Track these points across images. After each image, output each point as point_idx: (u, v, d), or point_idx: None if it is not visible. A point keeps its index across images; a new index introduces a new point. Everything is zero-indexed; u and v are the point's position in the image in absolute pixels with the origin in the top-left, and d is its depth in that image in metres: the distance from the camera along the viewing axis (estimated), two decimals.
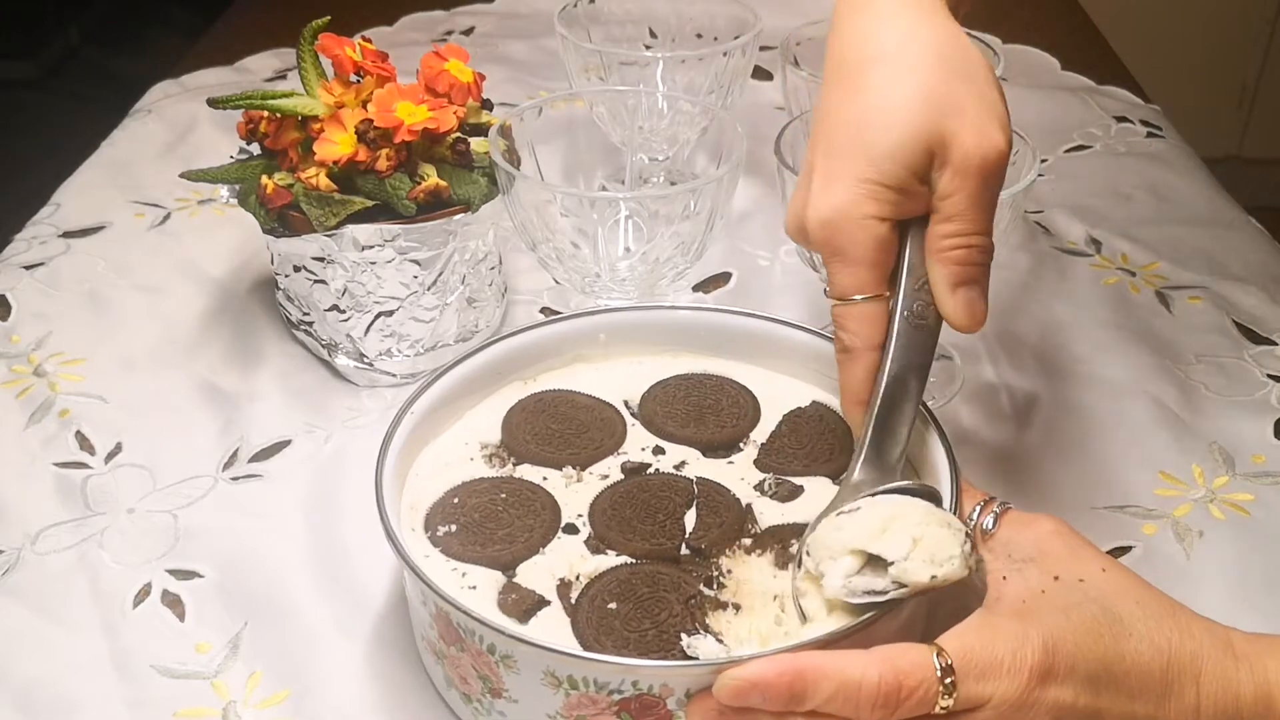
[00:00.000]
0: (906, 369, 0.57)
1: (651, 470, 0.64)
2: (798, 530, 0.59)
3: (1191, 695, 0.48)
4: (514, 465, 0.64)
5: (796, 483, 0.63)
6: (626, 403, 0.69)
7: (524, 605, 0.56)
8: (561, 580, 0.57)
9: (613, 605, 0.55)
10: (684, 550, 0.59)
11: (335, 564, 0.66)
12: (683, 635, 0.54)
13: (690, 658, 0.53)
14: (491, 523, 0.60)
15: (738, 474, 0.64)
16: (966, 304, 0.56)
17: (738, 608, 0.56)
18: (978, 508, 0.55)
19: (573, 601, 0.56)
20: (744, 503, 0.61)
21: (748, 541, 0.59)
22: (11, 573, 0.66)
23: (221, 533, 0.68)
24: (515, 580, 0.57)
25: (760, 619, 0.55)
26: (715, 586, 0.57)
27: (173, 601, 0.64)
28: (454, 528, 0.60)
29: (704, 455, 0.65)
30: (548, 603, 0.56)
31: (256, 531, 0.68)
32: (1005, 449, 0.74)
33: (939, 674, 0.47)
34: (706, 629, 0.54)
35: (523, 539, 0.59)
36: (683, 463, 0.64)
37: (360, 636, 0.62)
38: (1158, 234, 0.95)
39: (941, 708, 0.47)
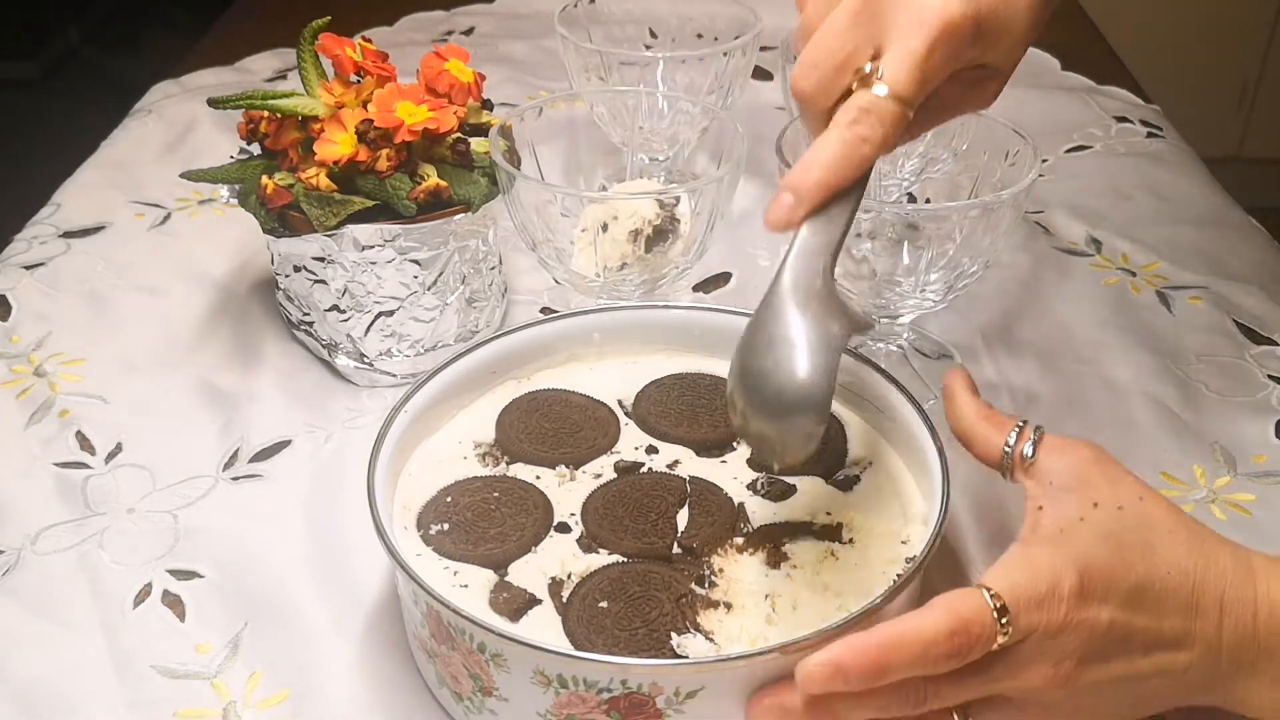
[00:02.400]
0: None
1: (644, 469, 0.64)
2: (790, 529, 0.60)
3: (1214, 614, 0.50)
4: (507, 464, 0.65)
5: (789, 482, 0.63)
6: (620, 402, 0.69)
7: (515, 604, 0.56)
8: (553, 579, 0.57)
9: (604, 604, 0.55)
10: (676, 549, 0.59)
11: (335, 564, 0.66)
12: (673, 634, 0.54)
13: (680, 657, 0.53)
14: (484, 521, 0.60)
15: (730, 473, 0.64)
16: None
17: (729, 606, 0.56)
18: (1014, 433, 0.55)
19: (564, 600, 0.56)
20: (736, 502, 0.61)
21: (739, 540, 0.59)
22: (11, 573, 0.66)
23: (221, 533, 0.68)
24: (507, 579, 0.58)
25: (751, 618, 0.55)
26: (707, 585, 0.57)
27: (173, 602, 0.64)
28: (446, 526, 0.60)
29: (697, 455, 0.65)
30: (539, 601, 0.56)
31: (256, 531, 0.68)
32: None
33: (995, 615, 0.48)
34: (697, 628, 0.54)
35: (514, 538, 0.59)
36: (676, 462, 0.64)
37: (360, 637, 0.62)
38: (1158, 234, 0.95)
39: (999, 644, 0.48)
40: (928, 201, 0.80)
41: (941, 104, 0.58)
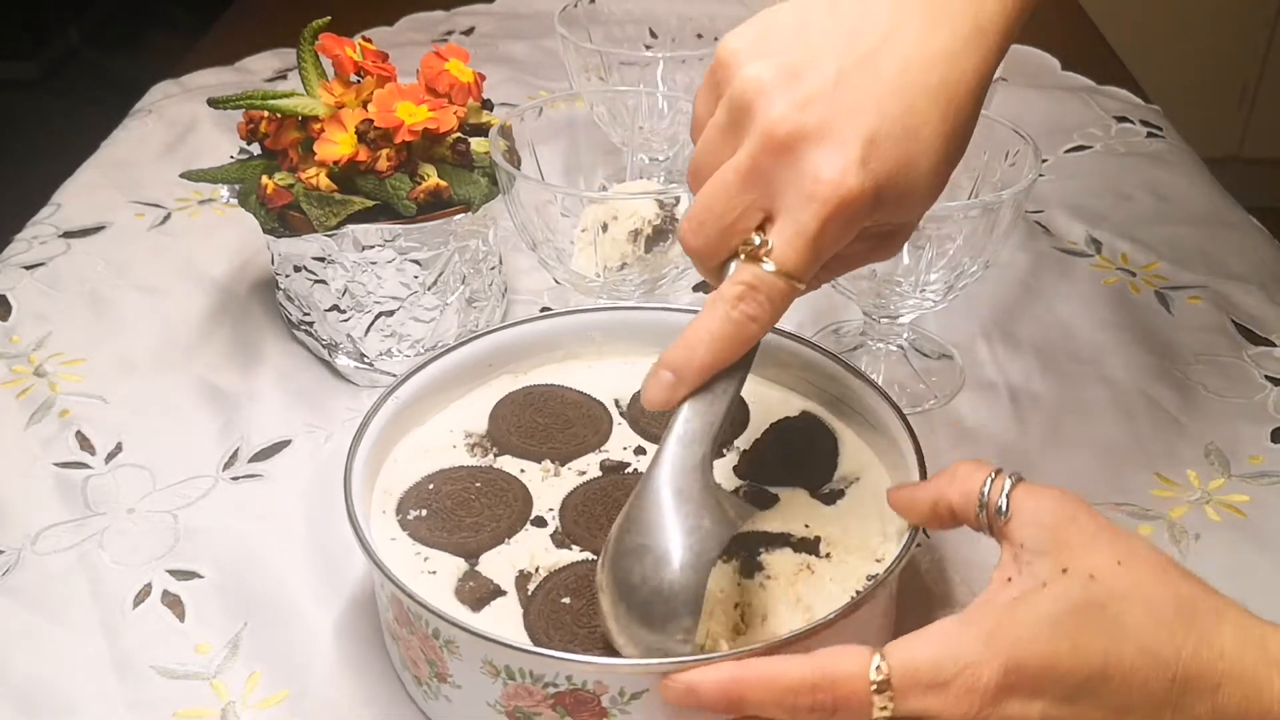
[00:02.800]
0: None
1: (630, 470, 0.64)
2: (767, 540, 0.59)
3: (1204, 708, 0.44)
4: (495, 456, 0.65)
5: (772, 492, 0.62)
6: (617, 401, 0.69)
7: (479, 594, 0.57)
8: (521, 572, 0.58)
9: (566, 600, 0.55)
10: None
11: (335, 564, 0.66)
12: None
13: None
14: (462, 510, 0.61)
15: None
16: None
17: None
18: (988, 482, 0.51)
19: (529, 594, 0.56)
20: None
21: None
22: (11, 573, 0.66)
23: (221, 533, 0.68)
24: (476, 569, 0.58)
25: (719, 624, 0.55)
26: None
27: (173, 602, 0.64)
28: (424, 513, 0.61)
29: None
30: (504, 593, 0.57)
31: (256, 532, 0.68)
32: (1005, 448, 0.74)
33: (873, 685, 0.45)
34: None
35: (489, 528, 0.60)
36: None
37: (361, 637, 0.62)
38: (1158, 234, 0.95)
39: (881, 709, 0.46)
40: None
41: (842, 261, 0.55)
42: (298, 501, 0.71)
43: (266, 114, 0.75)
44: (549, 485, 0.63)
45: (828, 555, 0.58)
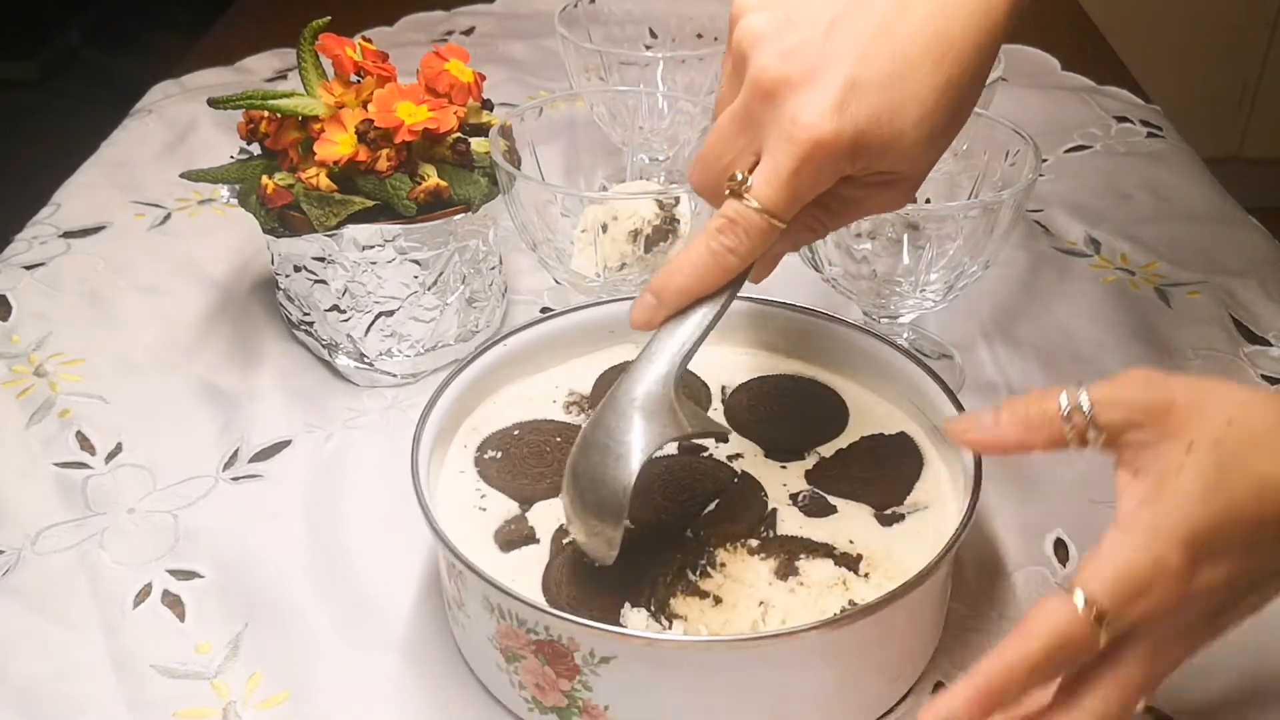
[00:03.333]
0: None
1: (705, 455, 0.64)
2: (810, 547, 0.59)
3: None
4: (588, 418, 0.65)
5: (832, 502, 0.62)
6: (724, 388, 0.69)
7: (511, 537, 0.59)
8: (561, 526, 0.59)
9: (587, 559, 0.56)
10: (688, 533, 0.59)
11: (335, 564, 0.66)
12: (626, 603, 0.55)
13: (615, 625, 0.54)
14: (533, 459, 0.63)
15: (782, 479, 0.63)
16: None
17: (719, 600, 0.56)
18: (1063, 405, 0.49)
19: (560, 546, 0.58)
20: (770, 507, 0.61)
21: (754, 543, 0.59)
22: (11, 573, 0.66)
23: (221, 533, 0.68)
24: (525, 515, 0.61)
25: (739, 617, 0.55)
26: (699, 574, 0.57)
27: (173, 602, 0.64)
28: (500, 455, 0.64)
29: (765, 454, 0.65)
30: (536, 541, 0.59)
31: (256, 531, 0.68)
32: None
33: (1091, 621, 0.46)
34: (663, 608, 0.55)
35: (549, 480, 0.62)
36: (738, 455, 0.65)
37: (360, 637, 0.62)
38: (1157, 234, 0.95)
39: (1104, 637, 0.46)
40: (928, 201, 0.80)
41: (845, 206, 0.56)
42: (298, 501, 0.71)
43: (266, 114, 0.75)
44: None
45: (866, 575, 0.58)
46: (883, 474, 0.63)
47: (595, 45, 0.92)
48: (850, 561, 0.58)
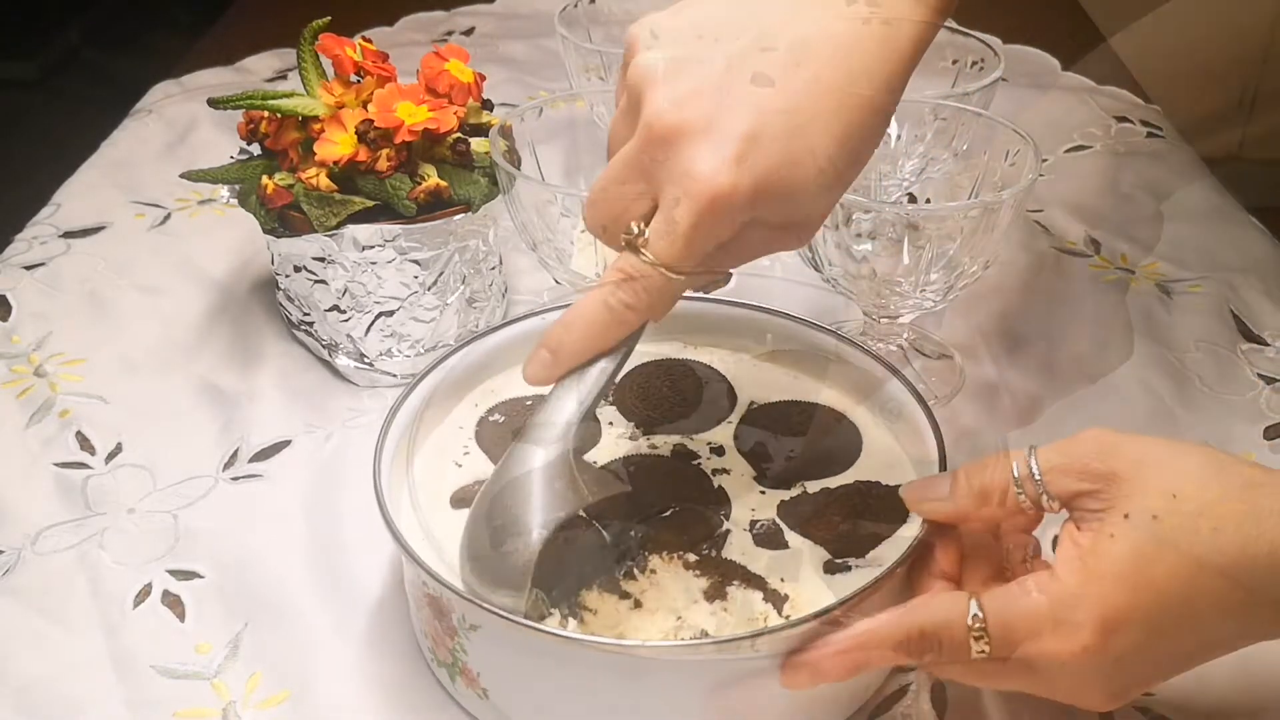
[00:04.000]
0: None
1: (695, 463, 0.63)
2: (745, 576, 0.57)
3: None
4: (607, 404, 0.66)
5: (788, 538, 0.59)
6: (753, 403, 0.67)
7: (463, 496, 0.60)
8: None
9: None
10: (630, 533, 0.58)
11: (335, 564, 0.66)
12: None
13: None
14: None
15: (754, 503, 0.61)
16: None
17: (639, 604, 0.55)
18: (1014, 471, 0.50)
19: None
20: (724, 528, 0.59)
21: (692, 557, 0.57)
22: (11, 573, 0.66)
23: (221, 533, 0.68)
24: None
25: (652, 626, 0.54)
26: (623, 575, 0.56)
27: (173, 602, 0.64)
28: (502, 419, 0.65)
29: (756, 480, 0.62)
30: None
31: (256, 532, 0.68)
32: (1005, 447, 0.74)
33: (971, 632, 0.47)
34: (580, 604, 0.55)
35: None
36: (725, 471, 0.63)
37: (361, 637, 0.62)
38: (1157, 234, 0.95)
39: (979, 652, 0.47)
40: (928, 201, 0.80)
41: (743, 248, 0.53)
42: (298, 501, 0.71)
43: (266, 114, 0.75)
44: (619, 446, 0.63)
45: (787, 617, 0.55)
46: (858, 526, 0.59)
47: (595, 45, 0.92)
48: (777, 600, 0.56)
